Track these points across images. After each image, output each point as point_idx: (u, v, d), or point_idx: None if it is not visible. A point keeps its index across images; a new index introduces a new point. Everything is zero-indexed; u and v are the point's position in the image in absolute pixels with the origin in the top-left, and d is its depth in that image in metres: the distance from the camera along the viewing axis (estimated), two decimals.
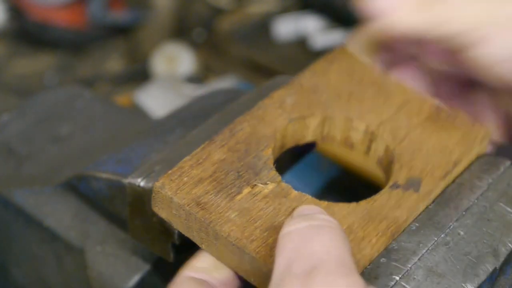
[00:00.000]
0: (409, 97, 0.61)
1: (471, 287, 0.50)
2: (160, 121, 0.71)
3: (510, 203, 0.55)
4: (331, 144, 0.62)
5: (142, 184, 0.57)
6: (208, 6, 1.48)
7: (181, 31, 1.44)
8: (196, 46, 1.40)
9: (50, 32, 1.40)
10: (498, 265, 0.51)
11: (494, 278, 0.51)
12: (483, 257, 0.51)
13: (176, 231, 0.55)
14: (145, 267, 0.63)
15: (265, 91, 0.66)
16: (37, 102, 0.81)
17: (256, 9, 1.47)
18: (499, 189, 0.56)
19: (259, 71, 1.32)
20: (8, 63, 1.39)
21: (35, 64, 1.39)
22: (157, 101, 1.22)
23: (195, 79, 1.34)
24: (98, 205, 0.64)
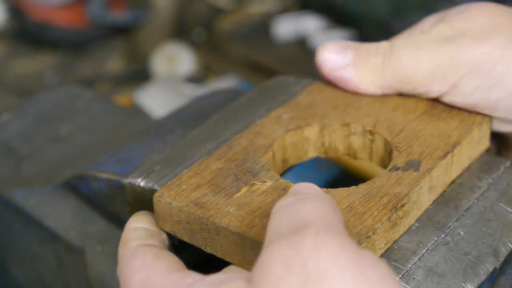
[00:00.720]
0: (405, 100, 0.62)
1: (471, 287, 0.50)
2: (160, 121, 0.71)
3: (510, 203, 0.55)
4: (335, 156, 0.62)
5: (142, 184, 0.57)
6: (208, 6, 1.48)
7: (181, 31, 1.44)
8: (196, 46, 1.40)
9: (50, 32, 1.40)
10: (498, 265, 0.51)
11: (494, 278, 0.51)
12: (483, 257, 0.51)
13: None
14: None
15: (265, 91, 0.67)
16: (37, 102, 0.81)
17: (256, 9, 1.47)
18: (499, 189, 0.56)
19: (259, 71, 1.32)
20: (8, 63, 1.39)
21: (35, 64, 1.39)
22: (157, 101, 1.22)
23: (195, 79, 1.34)
24: (98, 205, 0.64)
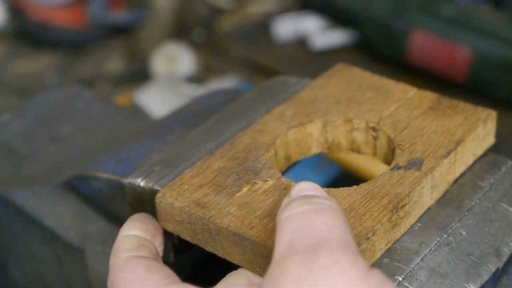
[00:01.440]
0: (409, 94, 0.61)
1: None
2: (160, 121, 0.71)
3: None
4: (339, 152, 0.62)
5: (142, 184, 0.57)
6: (208, 6, 1.48)
7: (181, 31, 1.44)
8: (196, 46, 1.40)
9: (50, 32, 1.40)
10: (500, 265, 0.51)
11: (496, 278, 0.51)
12: (486, 257, 0.51)
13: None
14: None
15: (265, 91, 0.66)
16: (37, 102, 0.81)
17: (256, 9, 1.47)
18: (501, 189, 0.56)
19: (259, 71, 1.32)
20: (8, 63, 1.39)
21: (35, 64, 1.39)
22: (157, 101, 1.22)
23: (195, 79, 1.34)
24: (98, 205, 0.64)
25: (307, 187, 0.48)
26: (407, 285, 0.49)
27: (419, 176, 0.53)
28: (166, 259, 0.58)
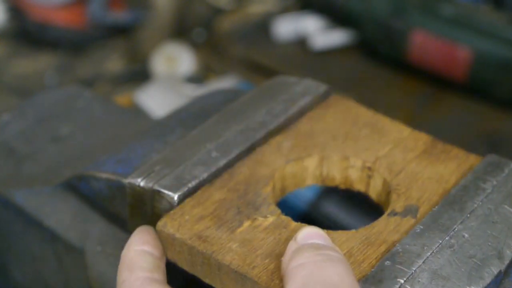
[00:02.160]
0: (404, 134, 0.62)
1: None
2: (160, 121, 0.71)
3: None
4: (331, 185, 0.63)
5: (142, 184, 0.57)
6: (208, 6, 1.48)
7: (181, 31, 1.44)
8: (196, 46, 1.40)
9: (50, 32, 1.40)
10: (503, 267, 0.51)
11: (499, 281, 0.51)
12: (488, 260, 0.51)
13: None
14: None
15: (265, 91, 0.66)
16: (37, 102, 0.81)
17: (256, 9, 1.47)
18: (503, 191, 0.56)
19: (259, 71, 1.32)
20: (8, 63, 1.39)
21: (35, 64, 1.39)
22: (157, 101, 1.22)
23: (195, 79, 1.34)
24: (98, 205, 0.64)
25: (314, 235, 0.49)
26: (409, 287, 0.49)
27: (415, 224, 0.54)
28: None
